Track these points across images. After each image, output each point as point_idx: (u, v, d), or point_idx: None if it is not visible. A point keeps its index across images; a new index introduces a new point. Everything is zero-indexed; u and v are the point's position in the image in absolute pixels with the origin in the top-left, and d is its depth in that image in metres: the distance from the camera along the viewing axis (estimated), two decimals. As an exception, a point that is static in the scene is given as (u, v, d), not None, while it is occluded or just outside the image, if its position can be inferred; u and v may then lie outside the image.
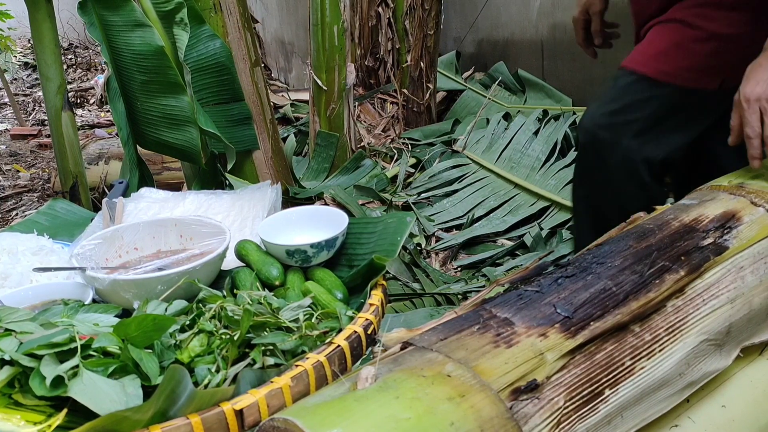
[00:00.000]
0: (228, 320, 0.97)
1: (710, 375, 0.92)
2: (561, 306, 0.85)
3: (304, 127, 4.33)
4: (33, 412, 0.82)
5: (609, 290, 0.88)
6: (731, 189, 1.16)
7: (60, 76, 2.41)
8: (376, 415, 0.68)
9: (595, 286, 0.88)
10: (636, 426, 0.84)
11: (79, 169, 2.53)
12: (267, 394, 0.83)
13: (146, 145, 2.37)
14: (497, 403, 0.72)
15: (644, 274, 0.91)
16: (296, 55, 5.88)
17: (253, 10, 6.20)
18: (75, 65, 6.88)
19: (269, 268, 1.18)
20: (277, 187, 1.50)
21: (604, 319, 0.84)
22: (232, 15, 2.75)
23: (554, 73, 3.56)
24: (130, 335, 0.88)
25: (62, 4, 3.29)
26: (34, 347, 0.84)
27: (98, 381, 0.82)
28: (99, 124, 5.12)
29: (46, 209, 1.60)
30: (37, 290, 1.15)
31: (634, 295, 0.88)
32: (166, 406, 0.77)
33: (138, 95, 2.23)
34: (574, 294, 0.87)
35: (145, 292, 1.08)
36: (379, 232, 1.25)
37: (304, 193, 3.24)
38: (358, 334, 0.97)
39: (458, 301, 2.45)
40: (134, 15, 2.13)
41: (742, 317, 0.96)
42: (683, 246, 0.97)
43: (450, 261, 2.79)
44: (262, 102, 2.91)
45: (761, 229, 1.04)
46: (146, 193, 1.53)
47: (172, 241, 1.31)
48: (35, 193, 3.88)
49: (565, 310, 0.84)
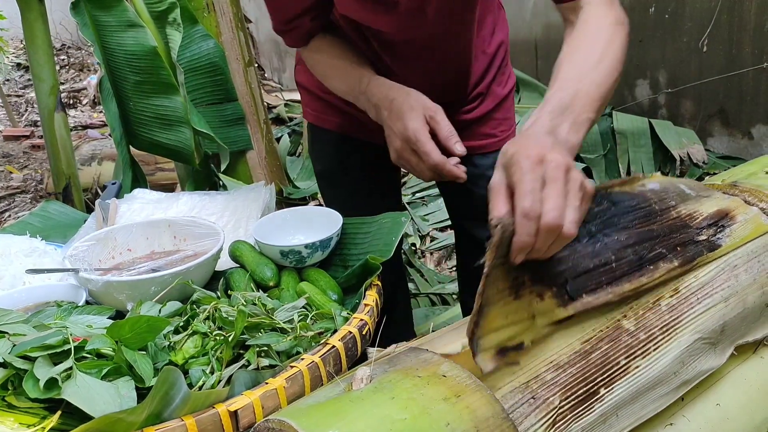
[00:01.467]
0: (222, 321, 0.97)
1: (705, 373, 0.92)
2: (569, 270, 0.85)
3: (297, 127, 4.33)
4: (26, 415, 0.81)
5: (609, 265, 0.88)
6: (725, 188, 1.16)
7: (52, 77, 2.40)
8: (372, 416, 0.68)
9: (599, 257, 0.89)
10: (631, 425, 0.84)
11: (71, 170, 2.52)
12: (262, 396, 0.83)
13: (139, 145, 2.36)
14: (493, 403, 0.72)
15: (643, 257, 0.91)
16: (290, 55, 5.87)
17: (247, 10, 6.19)
18: (68, 66, 6.86)
19: (263, 268, 1.18)
20: (271, 188, 1.50)
21: (596, 295, 0.85)
22: (226, 15, 2.74)
23: (548, 72, 3.56)
24: (124, 337, 0.87)
25: (55, 5, 3.28)
26: (27, 349, 0.83)
27: (92, 383, 0.81)
28: (92, 124, 5.10)
29: (39, 211, 1.59)
30: (30, 292, 1.14)
31: (628, 277, 0.89)
32: (160, 408, 0.77)
33: (131, 96, 2.22)
34: (581, 258, 0.87)
35: (139, 293, 1.08)
36: (373, 233, 1.25)
37: (298, 193, 3.24)
38: (353, 334, 0.97)
39: (453, 301, 2.45)
40: (127, 15, 2.12)
41: (736, 316, 0.96)
42: (679, 237, 0.97)
43: (444, 261, 2.80)
44: (256, 102, 2.91)
45: (755, 228, 1.04)
46: (139, 194, 1.53)
47: (165, 242, 1.30)
48: (28, 194, 3.86)
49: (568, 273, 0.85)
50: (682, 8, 2.98)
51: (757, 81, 2.78)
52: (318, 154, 1.55)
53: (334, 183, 1.54)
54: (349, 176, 1.52)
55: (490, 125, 1.46)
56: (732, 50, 2.84)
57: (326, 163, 1.54)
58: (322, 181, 1.57)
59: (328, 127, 1.48)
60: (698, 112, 3.08)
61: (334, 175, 1.53)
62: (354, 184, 1.52)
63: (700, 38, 2.93)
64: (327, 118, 1.47)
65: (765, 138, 2.84)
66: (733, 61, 2.85)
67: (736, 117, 2.94)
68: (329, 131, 1.48)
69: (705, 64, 2.96)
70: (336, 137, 1.48)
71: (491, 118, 1.46)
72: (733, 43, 2.82)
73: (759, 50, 2.73)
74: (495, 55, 1.44)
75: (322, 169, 1.55)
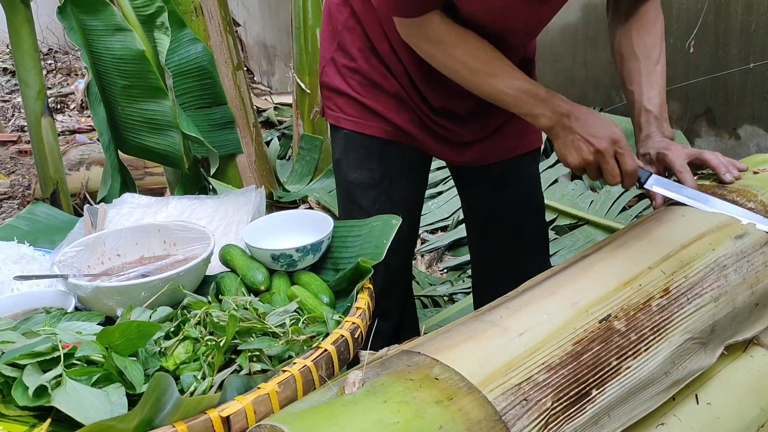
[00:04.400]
0: (213, 326, 0.97)
1: (695, 373, 0.93)
2: None
3: (287, 130, 4.32)
4: (16, 423, 0.80)
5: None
6: (713, 188, 1.17)
7: (39, 82, 2.38)
8: (364, 420, 0.68)
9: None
10: (623, 425, 0.84)
11: (59, 176, 2.50)
12: (254, 401, 0.82)
13: (128, 150, 2.35)
14: (485, 406, 0.72)
15: None
16: (279, 58, 5.86)
17: (235, 14, 6.17)
18: (55, 70, 6.82)
19: (254, 272, 1.17)
20: (261, 191, 1.49)
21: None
22: (214, 18, 2.74)
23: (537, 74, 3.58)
24: (114, 343, 0.86)
25: (41, 9, 3.26)
26: (16, 357, 0.83)
27: (82, 390, 0.80)
28: (80, 129, 5.07)
29: (26, 214, 1.58)
30: (19, 298, 1.13)
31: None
32: (151, 415, 0.76)
33: (119, 100, 2.21)
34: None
35: (129, 299, 1.07)
36: (364, 235, 1.25)
37: (289, 196, 3.24)
38: (345, 338, 0.97)
39: (444, 303, 2.46)
40: (114, 19, 2.11)
41: (726, 315, 0.96)
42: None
43: (436, 263, 2.80)
44: (245, 106, 2.90)
45: (743, 228, 1.05)
46: (128, 199, 1.52)
47: (155, 246, 1.30)
48: (15, 200, 3.83)
49: None
50: (668, 9, 3.00)
51: (744, 82, 2.80)
52: (354, 161, 1.47)
53: (371, 191, 1.47)
54: (393, 184, 1.46)
55: (523, 122, 1.48)
56: (719, 51, 2.86)
57: (366, 171, 1.46)
58: (356, 189, 1.48)
59: (370, 133, 1.42)
60: (685, 112, 3.10)
61: (375, 183, 1.46)
62: (399, 192, 1.47)
63: (687, 39, 2.95)
64: (369, 123, 1.42)
65: (752, 138, 2.86)
66: (719, 62, 2.87)
67: (723, 117, 2.96)
68: (372, 137, 1.42)
69: (692, 65, 2.97)
70: (380, 143, 1.43)
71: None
72: (720, 44, 2.84)
73: (745, 51, 2.75)
74: (533, 55, 1.50)
75: (358, 177, 1.47)
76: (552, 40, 3.33)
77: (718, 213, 1.08)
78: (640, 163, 1.19)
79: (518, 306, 0.90)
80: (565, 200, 2.94)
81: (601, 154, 1.16)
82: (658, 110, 1.27)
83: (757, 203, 1.10)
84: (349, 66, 1.40)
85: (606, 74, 3.23)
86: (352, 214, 1.47)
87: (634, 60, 1.29)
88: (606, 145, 1.15)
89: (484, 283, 1.67)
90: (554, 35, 3.29)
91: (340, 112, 1.45)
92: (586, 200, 2.91)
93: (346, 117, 1.44)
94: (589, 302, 0.89)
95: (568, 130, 1.18)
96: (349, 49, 1.39)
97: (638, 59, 1.29)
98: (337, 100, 1.45)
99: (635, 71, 1.29)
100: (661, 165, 1.23)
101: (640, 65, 1.28)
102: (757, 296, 1.01)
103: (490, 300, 0.98)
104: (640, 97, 1.27)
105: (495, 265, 1.60)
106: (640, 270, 0.95)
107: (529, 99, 1.20)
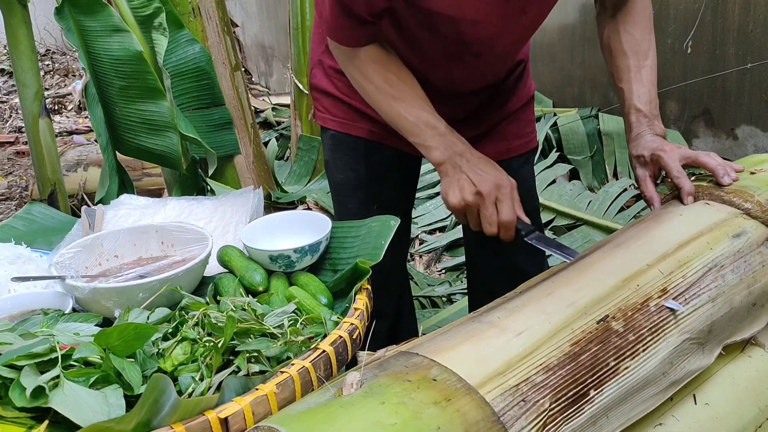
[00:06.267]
0: (211, 327, 0.96)
1: (693, 373, 0.93)
2: None
3: (285, 131, 4.32)
4: (13, 425, 0.80)
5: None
6: (710, 189, 1.17)
7: (37, 83, 2.38)
8: (362, 421, 0.68)
9: None
10: (621, 426, 0.84)
11: (57, 177, 2.50)
12: (252, 402, 0.82)
13: (126, 151, 2.35)
14: (483, 407, 0.72)
15: None
16: (277, 58, 5.86)
17: (233, 14, 6.17)
18: (52, 71, 6.81)
19: (252, 273, 1.17)
20: (259, 192, 1.49)
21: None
22: (212, 19, 2.74)
23: (534, 75, 3.57)
24: (112, 344, 0.86)
25: (39, 10, 3.25)
26: (13, 358, 0.82)
27: (80, 391, 0.80)
28: (77, 130, 5.06)
29: (23, 214, 1.58)
30: (16, 300, 1.13)
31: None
32: (149, 416, 0.76)
33: (117, 101, 2.21)
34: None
35: (127, 300, 1.07)
36: (362, 236, 1.25)
37: (287, 197, 3.23)
38: (344, 339, 0.97)
39: (443, 303, 2.46)
40: (112, 20, 2.11)
41: (724, 315, 0.97)
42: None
43: (434, 263, 2.80)
44: (243, 106, 2.90)
45: (741, 228, 1.05)
46: (126, 200, 1.52)
47: (153, 248, 1.30)
48: (13, 201, 3.83)
49: None
50: (666, 10, 3.00)
51: (741, 82, 2.81)
52: (341, 162, 1.47)
53: (358, 192, 1.47)
54: (381, 185, 1.46)
55: (516, 124, 1.48)
56: (716, 51, 2.86)
57: (352, 172, 1.47)
58: (343, 190, 1.49)
59: (356, 134, 1.42)
60: (683, 113, 3.11)
61: (362, 184, 1.46)
62: (386, 193, 1.47)
63: (685, 40, 2.95)
64: (355, 124, 1.42)
65: (749, 138, 2.87)
66: (717, 63, 2.87)
67: (721, 118, 2.96)
68: (358, 138, 1.43)
69: (689, 65, 2.98)
70: (365, 145, 1.43)
71: (517, 119, 1.48)
72: (717, 44, 2.85)
73: (743, 51, 2.76)
74: (526, 56, 1.49)
75: (345, 179, 1.48)
76: (550, 40, 3.33)
77: (716, 212, 1.08)
78: (522, 215, 1.16)
79: (516, 307, 0.90)
80: (564, 201, 2.94)
81: (482, 196, 1.14)
82: (648, 108, 1.25)
83: (753, 204, 1.10)
84: (335, 67, 1.38)
85: (604, 74, 3.24)
86: (342, 215, 1.47)
87: (622, 56, 1.28)
88: (488, 188, 1.13)
89: (478, 284, 1.68)
90: (552, 35, 3.29)
91: (327, 113, 1.46)
92: (584, 200, 2.91)
93: (333, 118, 1.44)
94: (587, 303, 0.89)
95: (457, 168, 1.17)
96: None
97: (627, 55, 1.28)
98: (324, 102, 1.45)
99: (624, 68, 1.28)
100: (656, 167, 1.22)
101: (629, 61, 1.27)
102: (754, 296, 1.01)
103: (485, 300, 0.97)
104: (629, 95, 1.26)
105: (489, 265, 1.61)
106: (638, 270, 0.96)
107: (426, 129, 1.19)
